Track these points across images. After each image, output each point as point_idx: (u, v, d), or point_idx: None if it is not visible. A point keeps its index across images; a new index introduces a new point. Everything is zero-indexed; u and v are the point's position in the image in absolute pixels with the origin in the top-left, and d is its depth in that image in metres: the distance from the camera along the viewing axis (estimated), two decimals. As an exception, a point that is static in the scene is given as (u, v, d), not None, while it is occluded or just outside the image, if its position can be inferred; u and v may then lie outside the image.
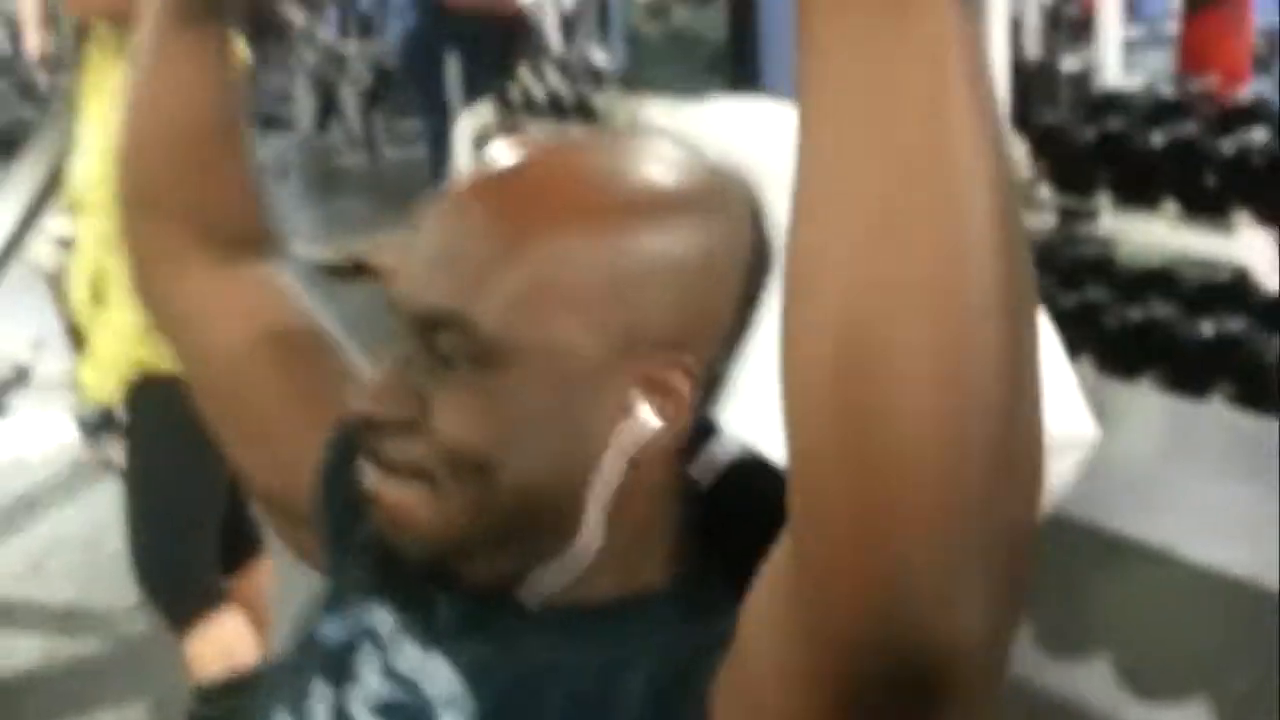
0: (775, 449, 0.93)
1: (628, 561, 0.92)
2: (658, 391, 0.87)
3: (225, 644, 2.80)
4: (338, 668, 0.97)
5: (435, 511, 0.89)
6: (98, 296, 2.77)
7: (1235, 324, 3.42)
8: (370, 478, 0.92)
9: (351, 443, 1.00)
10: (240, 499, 3.02)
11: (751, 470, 0.95)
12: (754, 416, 0.93)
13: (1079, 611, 3.68)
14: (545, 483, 0.88)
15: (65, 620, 3.90)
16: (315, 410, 1.10)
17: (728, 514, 0.94)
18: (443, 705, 0.90)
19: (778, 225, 0.85)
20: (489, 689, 0.90)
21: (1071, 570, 3.75)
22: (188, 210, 1.14)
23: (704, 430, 0.93)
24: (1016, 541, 0.65)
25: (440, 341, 0.88)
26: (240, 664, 2.79)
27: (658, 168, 0.90)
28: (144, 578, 2.84)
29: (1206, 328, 3.45)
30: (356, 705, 0.95)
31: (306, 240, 7.18)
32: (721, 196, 0.90)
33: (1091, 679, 3.40)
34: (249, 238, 1.16)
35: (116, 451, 2.89)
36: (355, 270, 6.65)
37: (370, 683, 0.95)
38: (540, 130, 5.96)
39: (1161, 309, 3.57)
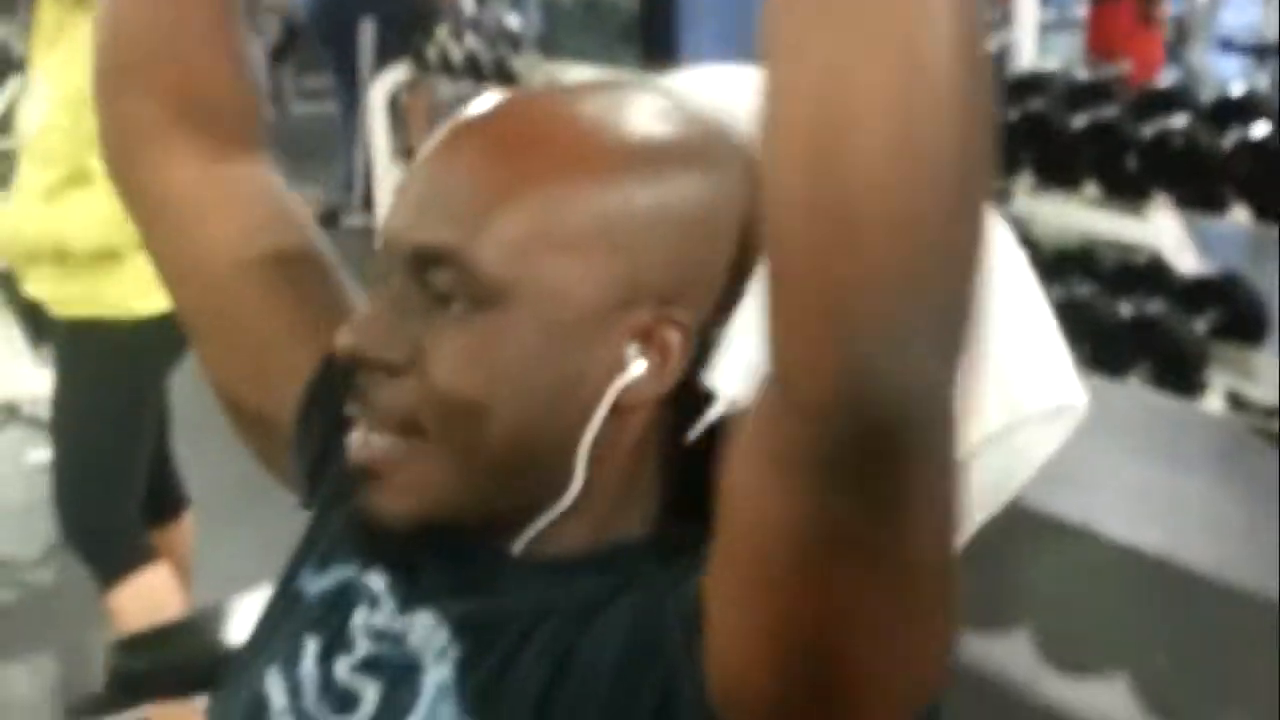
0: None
1: (608, 512, 0.92)
2: (651, 344, 0.87)
3: (151, 597, 2.77)
4: (327, 622, 0.97)
5: (422, 469, 0.88)
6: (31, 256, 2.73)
7: (1154, 305, 3.48)
8: (358, 434, 0.91)
9: (337, 385, 0.98)
10: (166, 452, 3.00)
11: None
12: (744, 375, 0.92)
13: (1000, 586, 3.73)
14: (536, 431, 0.88)
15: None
16: (304, 331, 1.05)
17: (711, 472, 0.94)
18: (430, 657, 0.90)
19: None
20: (473, 637, 0.89)
21: (992, 546, 3.78)
22: (174, 84, 1.06)
23: (700, 396, 0.92)
24: (963, 287, 0.67)
25: (435, 280, 0.87)
26: (163, 616, 2.73)
27: (661, 121, 0.90)
28: (72, 531, 2.81)
29: (1125, 309, 3.50)
30: (342, 666, 0.94)
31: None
32: (722, 154, 0.90)
33: (1012, 653, 3.45)
34: (241, 128, 1.09)
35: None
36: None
37: (358, 642, 0.94)
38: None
39: (1081, 289, 3.62)
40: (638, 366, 0.88)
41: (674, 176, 0.88)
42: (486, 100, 0.92)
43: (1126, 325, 3.49)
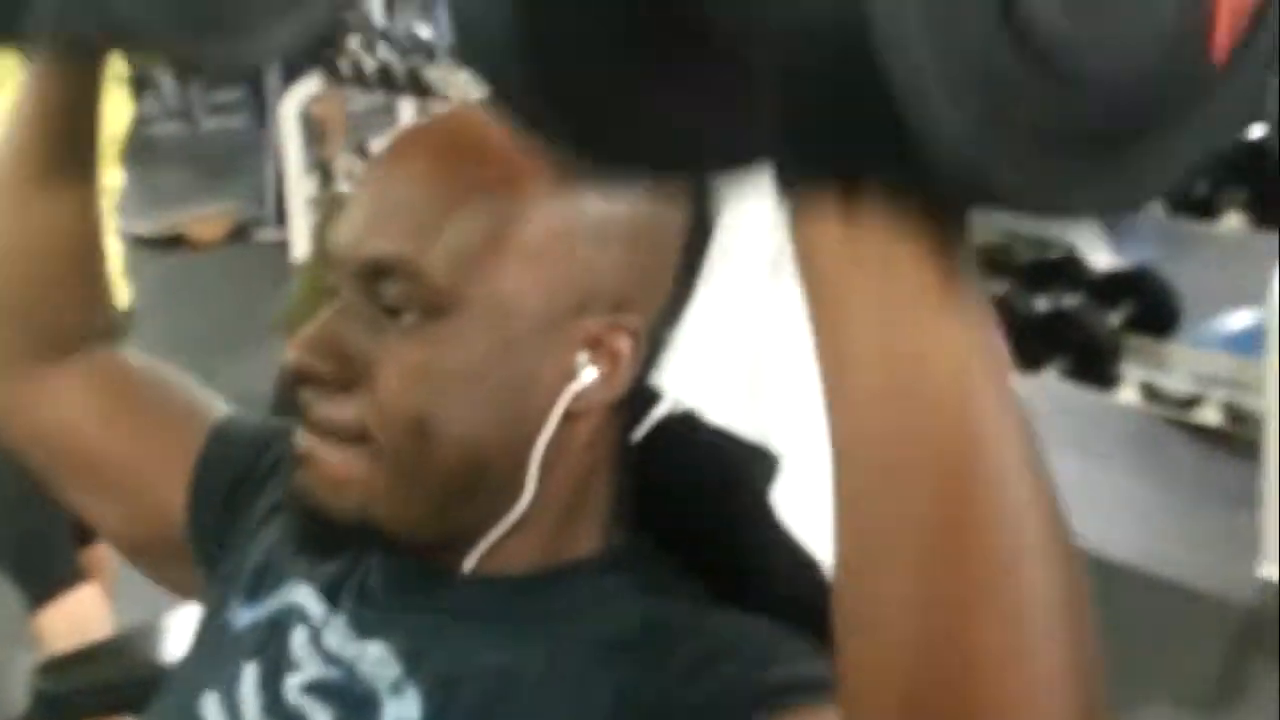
0: (708, 406, 0.96)
1: (560, 526, 0.91)
2: (601, 351, 0.87)
3: (79, 617, 2.74)
4: (266, 648, 0.96)
5: (372, 473, 0.88)
6: None
7: (1069, 300, 3.53)
8: (303, 440, 0.90)
9: (232, 437, 1.05)
10: None
11: (681, 428, 0.95)
12: (690, 377, 0.93)
13: None
14: (487, 443, 0.88)
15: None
16: (170, 447, 1.10)
17: (658, 477, 0.94)
18: (385, 689, 0.89)
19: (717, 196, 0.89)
20: (428, 673, 0.89)
21: None
22: (38, 347, 1.12)
23: (646, 398, 0.93)
24: None
25: (386, 292, 0.86)
26: (92, 637, 2.70)
27: None
28: (6, 550, 2.78)
29: (1041, 303, 3.55)
30: (290, 687, 0.93)
31: (124, 214, 7.01)
32: None
33: None
34: (94, 337, 1.14)
35: None
36: (175, 241, 6.51)
37: (304, 663, 0.93)
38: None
39: (998, 285, 3.67)
40: (588, 374, 0.87)
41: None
42: (439, 113, 0.93)
43: (1042, 319, 3.54)
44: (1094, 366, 3.48)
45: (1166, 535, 3.67)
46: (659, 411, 0.92)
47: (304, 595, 0.96)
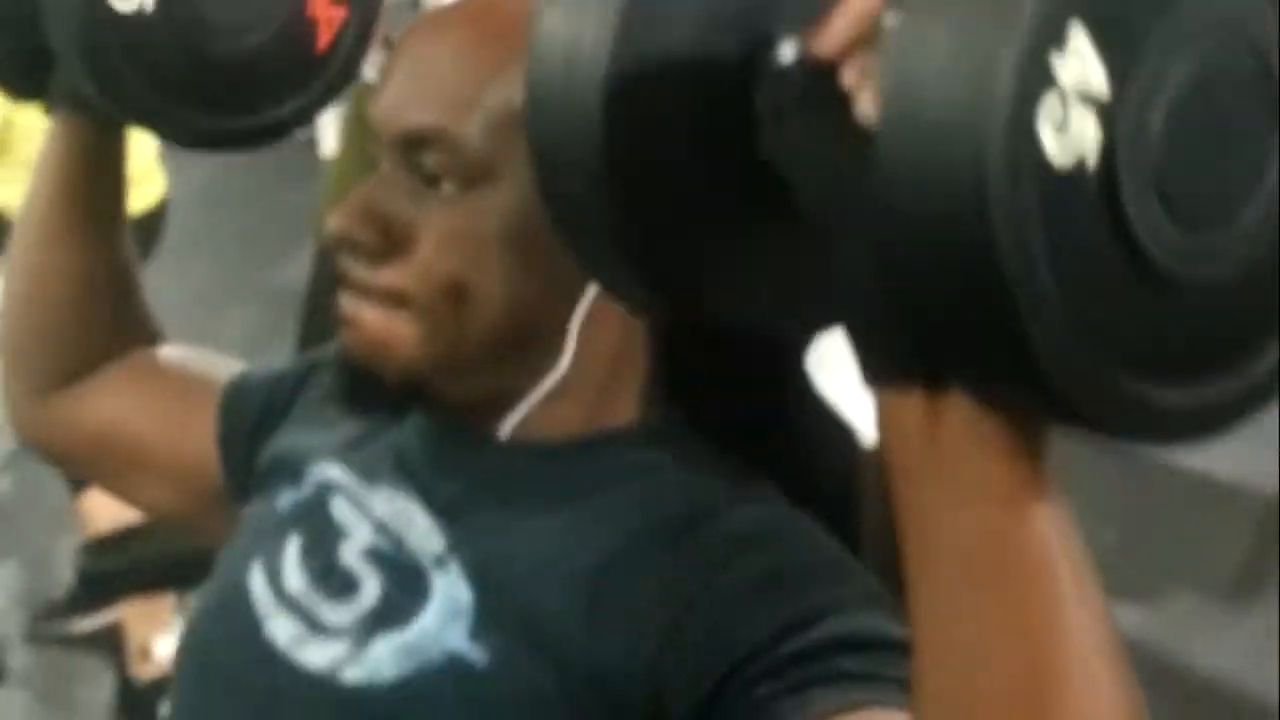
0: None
1: (598, 396, 0.93)
2: None
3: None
4: (310, 521, 0.98)
5: (415, 335, 0.89)
6: None
7: None
8: (347, 303, 0.91)
9: (246, 384, 1.11)
10: None
11: None
12: None
13: None
14: (525, 306, 0.89)
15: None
16: (196, 414, 1.14)
17: (690, 350, 0.95)
18: (431, 564, 0.91)
19: None
20: (472, 550, 0.90)
21: None
22: (76, 372, 1.18)
23: None
24: None
25: (425, 161, 0.88)
26: (132, 517, 2.71)
27: None
28: None
29: None
30: (344, 552, 0.95)
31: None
32: None
33: None
34: (124, 352, 1.19)
35: None
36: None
37: (353, 530, 0.96)
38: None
39: None
40: None
41: None
42: None
43: None
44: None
45: None
46: None
47: (342, 471, 0.99)
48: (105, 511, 2.76)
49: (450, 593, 0.90)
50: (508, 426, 0.93)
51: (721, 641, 0.82)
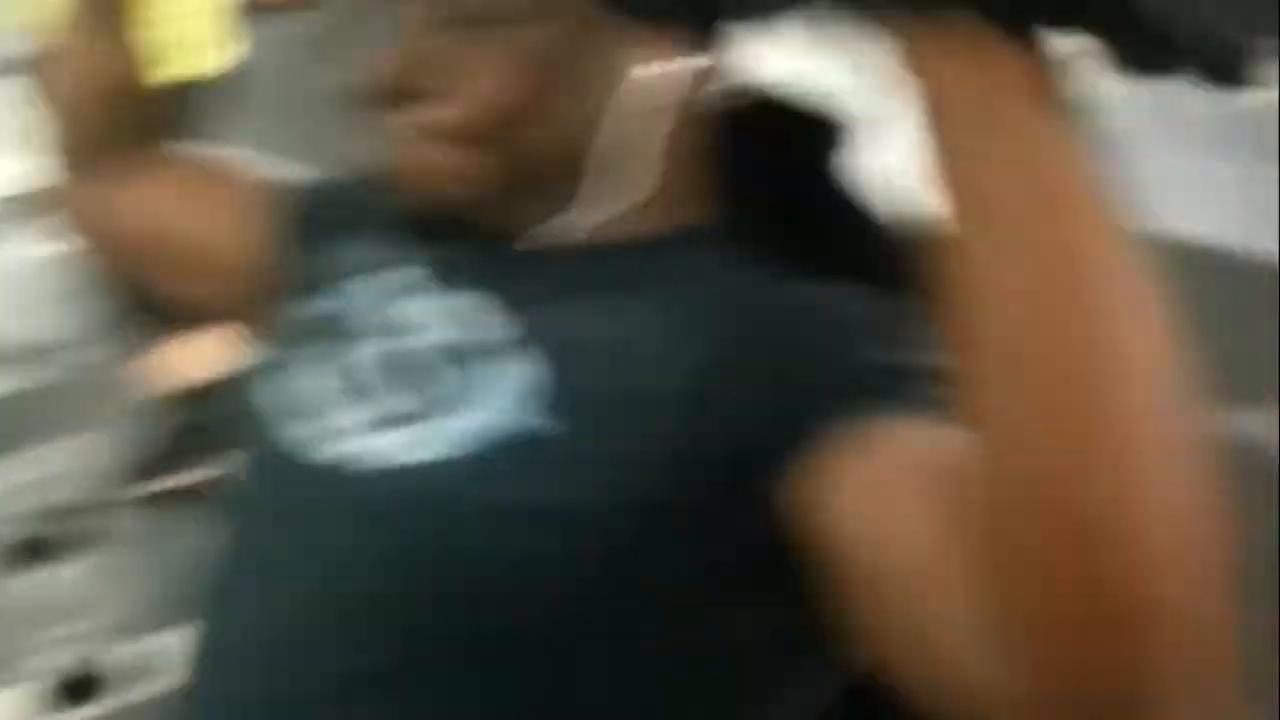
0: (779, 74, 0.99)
1: (678, 197, 0.95)
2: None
3: (199, 352, 2.86)
4: (379, 320, 0.98)
5: (489, 166, 0.92)
6: None
7: None
8: (410, 149, 0.93)
9: (301, 191, 1.12)
10: None
11: (754, 101, 0.99)
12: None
13: None
14: (589, 127, 0.91)
15: (11, 353, 3.72)
16: (244, 211, 1.16)
17: (734, 151, 0.98)
18: (510, 348, 0.91)
19: None
20: (545, 338, 0.91)
21: None
22: (118, 171, 1.20)
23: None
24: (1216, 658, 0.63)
25: (469, 2, 0.90)
26: (211, 372, 2.84)
27: None
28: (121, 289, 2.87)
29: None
30: (420, 344, 0.95)
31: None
32: None
33: None
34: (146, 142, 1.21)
35: None
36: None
37: (428, 327, 0.95)
38: None
39: None
40: (680, 61, 0.92)
41: None
42: None
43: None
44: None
45: (1247, 211, 3.53)
46: (731, 82, 0.96)
47: (411, 273, 0.99)
48: (187, 360, 2.89)
49: (528, 371, 0.89)
50: (582, 230, 0.95)
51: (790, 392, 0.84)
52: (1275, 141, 3.20)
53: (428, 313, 0.96)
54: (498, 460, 0.86)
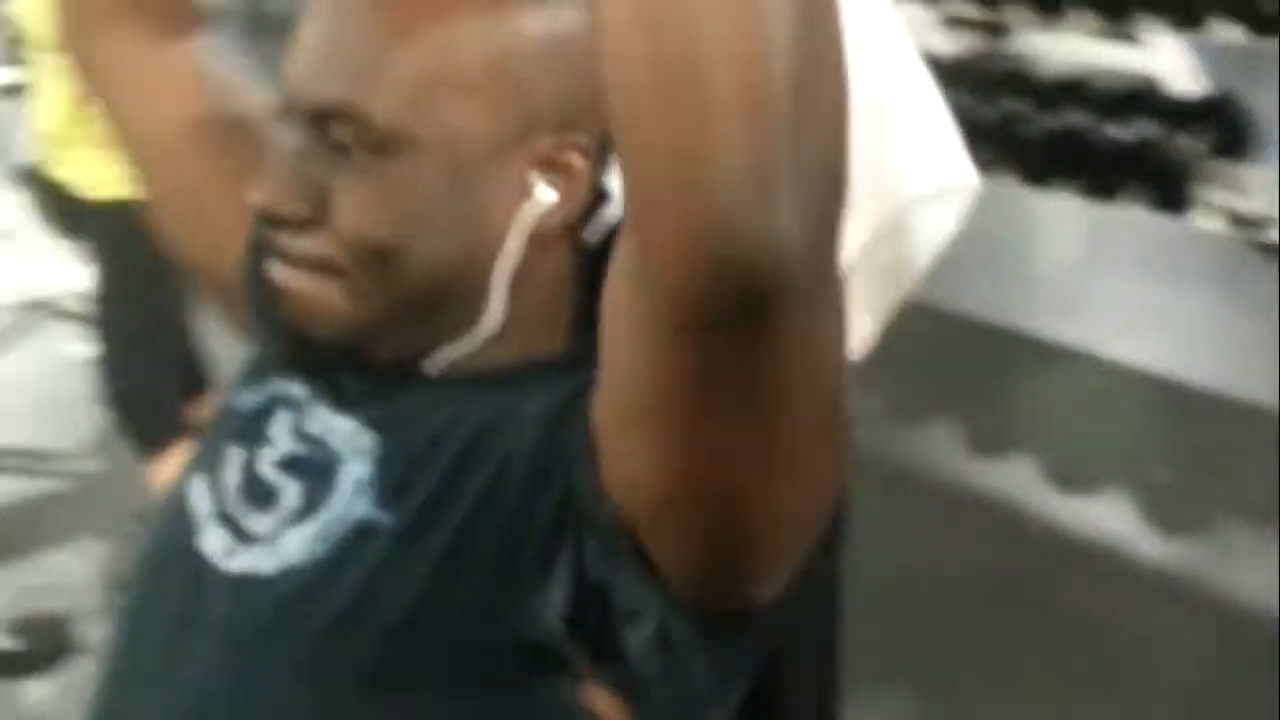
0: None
1: (528, 332, 0.95)
2: (554, 170, 0.90)
3: None
4: (251, 432, 0.99)
5: (344, 300, 0.91)
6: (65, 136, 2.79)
7: (1148, 128, 3.45)
8: (278, 272, 0.93)
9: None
10: (190, 334, 3.02)
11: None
12: None
13: (1003, 412, 3.74)
14: (449, 265, 0.91)
15: (16, 461, 3.79)
16: (240, 191, 1.07)
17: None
18: (349, 454, 0.93)
19: None
20: (391, 436, 0.93)
21: (996, 373, 3.80)
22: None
23: (598, 197, 0.96)
24: (825, 162, 0.69)
25: (335, 133, 0.89)
26: None
27: None
28: (117, 403, 2.92)
29: (1120, 133, 3.47)
30: (265, 464, 0.97)
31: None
32: None
33: (1016, 476, 3.44)
34: (179, 12, 1.14)
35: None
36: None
37: (281, 442, 0.97)
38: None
39: (1076, 117, 3.56)
40: (545, 194, 0.90)
41: (557, 5, 0.90)
42: None
43: (1121, 149, 3.46)
44: (1172, 196, 3.39)
45: (1247, 358, 3.57)
46: (610, 214, 0.95)
47: (294, 386, 1.00)
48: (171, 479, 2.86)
49: (359, 471, 0.92)
50: (439, 365, 0.95)
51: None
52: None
53: (287, 430, 0.97)
54: (338, 560, 0.89)
